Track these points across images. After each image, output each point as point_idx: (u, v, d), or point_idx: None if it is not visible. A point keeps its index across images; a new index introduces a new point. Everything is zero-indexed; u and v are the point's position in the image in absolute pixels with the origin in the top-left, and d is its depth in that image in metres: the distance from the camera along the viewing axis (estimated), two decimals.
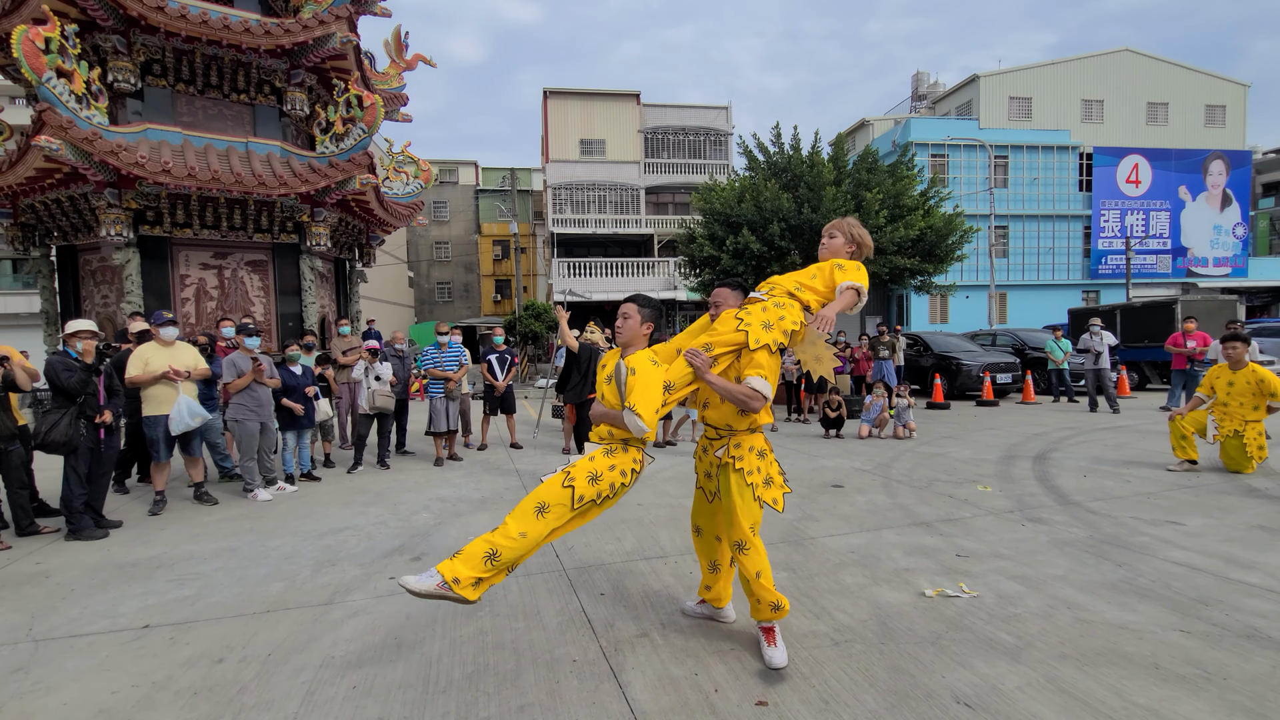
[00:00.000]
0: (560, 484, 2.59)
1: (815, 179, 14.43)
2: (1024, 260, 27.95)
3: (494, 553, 2.45)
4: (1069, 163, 27.90)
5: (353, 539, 4.64)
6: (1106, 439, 8.00)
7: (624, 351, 2.86)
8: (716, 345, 2.72)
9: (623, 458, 2.70)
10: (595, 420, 2.81)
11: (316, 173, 9.62)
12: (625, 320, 2.89)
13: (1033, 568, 3.64)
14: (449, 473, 7.07)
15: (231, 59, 10.00)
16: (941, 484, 5.81)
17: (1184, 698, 2.31)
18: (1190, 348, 10.08)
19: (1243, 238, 29.03)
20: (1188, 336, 10.16)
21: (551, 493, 2.57)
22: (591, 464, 2.65)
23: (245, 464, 5.98)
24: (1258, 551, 3.79)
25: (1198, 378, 10.12)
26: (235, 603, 3.50)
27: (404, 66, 12.50)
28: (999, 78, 28.96)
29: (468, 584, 2.42)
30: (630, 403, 2.60)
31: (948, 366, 13.30)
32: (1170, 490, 5.34)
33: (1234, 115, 30.78)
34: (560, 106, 27.52)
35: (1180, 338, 10.26)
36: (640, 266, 26.21)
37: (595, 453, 2.70)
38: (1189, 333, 10.18)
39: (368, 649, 2.91)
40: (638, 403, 2.59)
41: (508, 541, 2.49)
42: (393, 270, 32.38)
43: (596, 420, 2.80)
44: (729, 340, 2.70)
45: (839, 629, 2.95)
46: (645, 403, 2.59)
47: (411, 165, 12.85)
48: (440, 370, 7.81)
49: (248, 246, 10.24)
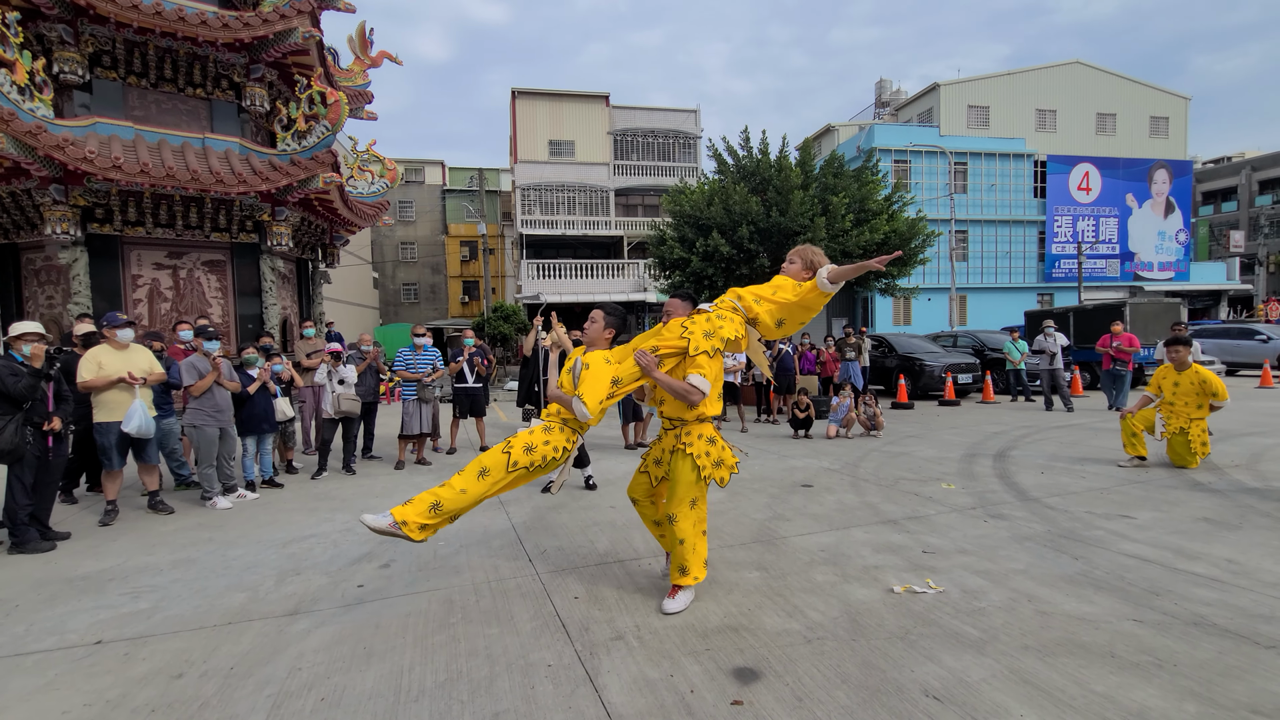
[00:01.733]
0: (499, 451, 3.08)
1: (783, 183, 14.63)
2: (983, 264, 28.82)
3: (438, 503, 2.94)
4: (1024, 170, 28.89)
5: (318, 547, 4.53)
6: (1062, 437, 8.29)
7: (586, 349, 3.36)
8: (663, 348, 3.24)
9: (558, 436, 3.18)
10: (549, 400, 3.29)
11: (278, 170, 9.37)
12: (592, 324, 3.42)
13: (995, 562, 3.76)
14: (417, 477, 6.95)
15: (187, 52, 9.68)
16: (907, 482, 5.95)
17: (1138, 684, 2.41)
18: (1116, 348, 10.43)
19: (1185, 243, 30.47)
20: (1114, 338, 10.50)
21: (492, 459, 3.06)
22: (530, 437, 3.13)
23: (204, 471, 5.78)
24: (1203, 543, 3.97)
25: (1124, 378, 10.52)
26: (194, 615, 3.38)
27: (369, 63, 12.26)
28: (958, 86, 29.81)
29: (415, 527, 2.92)
30: (579, 391, 3.09)
31: (911, 367, 13.62)
32: (1122, 485, 5.57)
33: (1176, 127, 32.28)
34: (529, 107, 27.34)
35: (1108, 339, 10.62)
36: (610, 269, 26.20)
37: (536, 428, 3.18)
38: (1116, 334, 10.53)
39: (336, 660, 2.84)
40: (585, 392, 3.07)
41: (451, 494, 2.98)
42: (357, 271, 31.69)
43: (550, 400, 3.28)
44: (674, 345, 3.23)
45: (811, 627, 3.00)
46: (592, 393, 3.07)
47: (377, 164, 12.61)
48: (413, 372, 7.67)
49: (205, 246, 9.92)
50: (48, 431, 4.71)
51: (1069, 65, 31.06)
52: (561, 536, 4.60)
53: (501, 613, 3.28)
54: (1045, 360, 11.31)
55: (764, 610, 3.20)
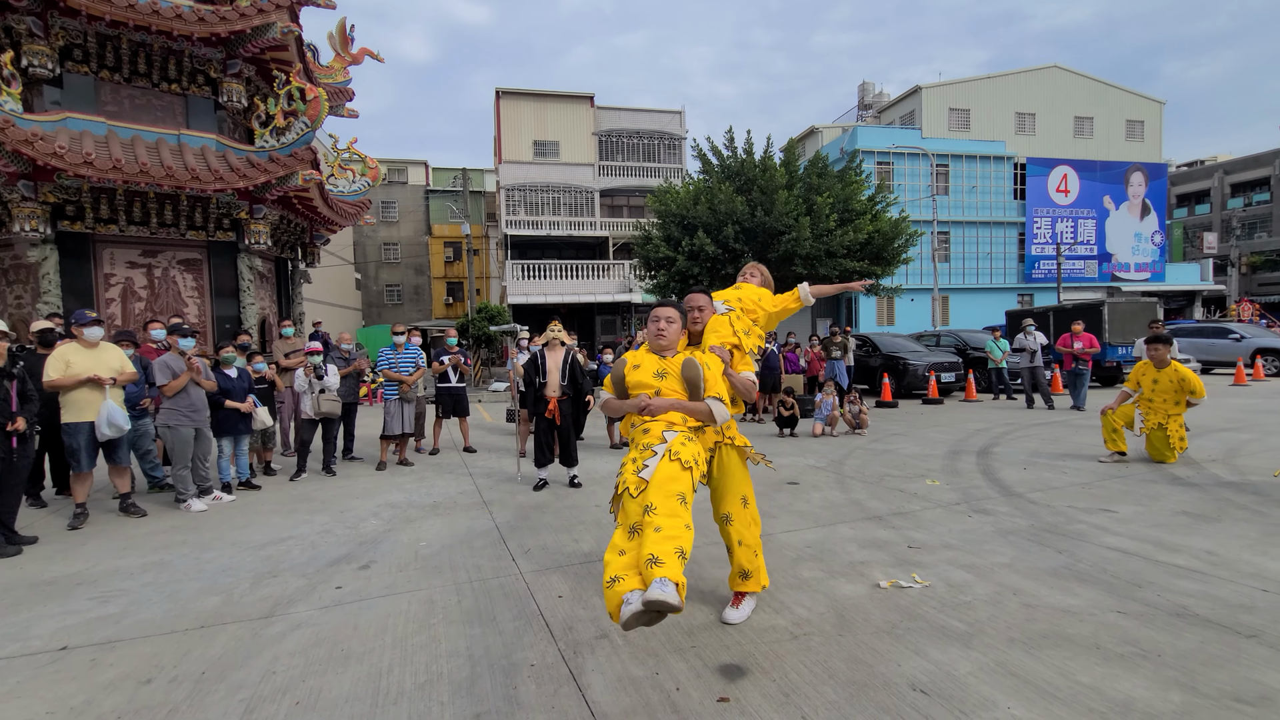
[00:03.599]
0: (680, 469, 2.62)
1: (768, 183, 14.66)
2: (964, 264, 29.15)
3: (681, 549, 2.38)
4: (1004, 172, 29.28)
5: (296, 549, 4.43)
6: (1043, 433, 8.38)
7: (664, 353, 3.04)
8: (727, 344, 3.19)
9: (700, 442, 2.91)
10: (658, 410, 2.87)
11: (255, 167, 9.20)
12: (670, 324, 3.05)
13: (980, 557, 3.76)
14: (399, 478, 6.84)
15: (161, 46, 9.49)
16: (892, 479, 5.96)
17: (1123, 675, 2.41)
18: (1077, 348, 10.49)
19: (1160, 245, 31.05)
20: (1075, 338, 10.56)
21: (682, 481, 2.59)
22: (685, 449, 2.70)
23: (178, 473, 5.63)
24: (1183, 535, 4.01)
25: (1084, 376, 10.58)
26: (166, 619, 3.28)
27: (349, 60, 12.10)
28: (939, 90, 30.13)
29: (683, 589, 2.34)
30: (715, 393, 2.91)
31: (895, 366, 13.71)
32: (1103, 480, 5.62)
33: (1151, 130, 32.88)
34: (513, 107, 27.20)
35: (1068, 338, 10.67)
36: (595, 269, 26.11)
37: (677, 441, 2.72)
38: (1076, 333, 10.59)
39: (312, 663, 2.76)
40: (720, 393, 2.92)
41: (683, 532, 2.43)
42: (339, 271, 31.31)
43: (661, 409, 2.87)
44: (729, 343, 3.20)
45: (798, 622, 2.97)
46: (725, 393, 2.95)
47: (358, 162, 12.44)
48: (395, 372, 7.55)
49: (180, 244, 9.72)
50: (11, 432, 4.56)
51: (1047, 69, 31.54)
52: (546, 535, 4.54)
53: (484, 612, 3.22)
54: (1026, 359, 11.42)
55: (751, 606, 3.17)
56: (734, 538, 3.07)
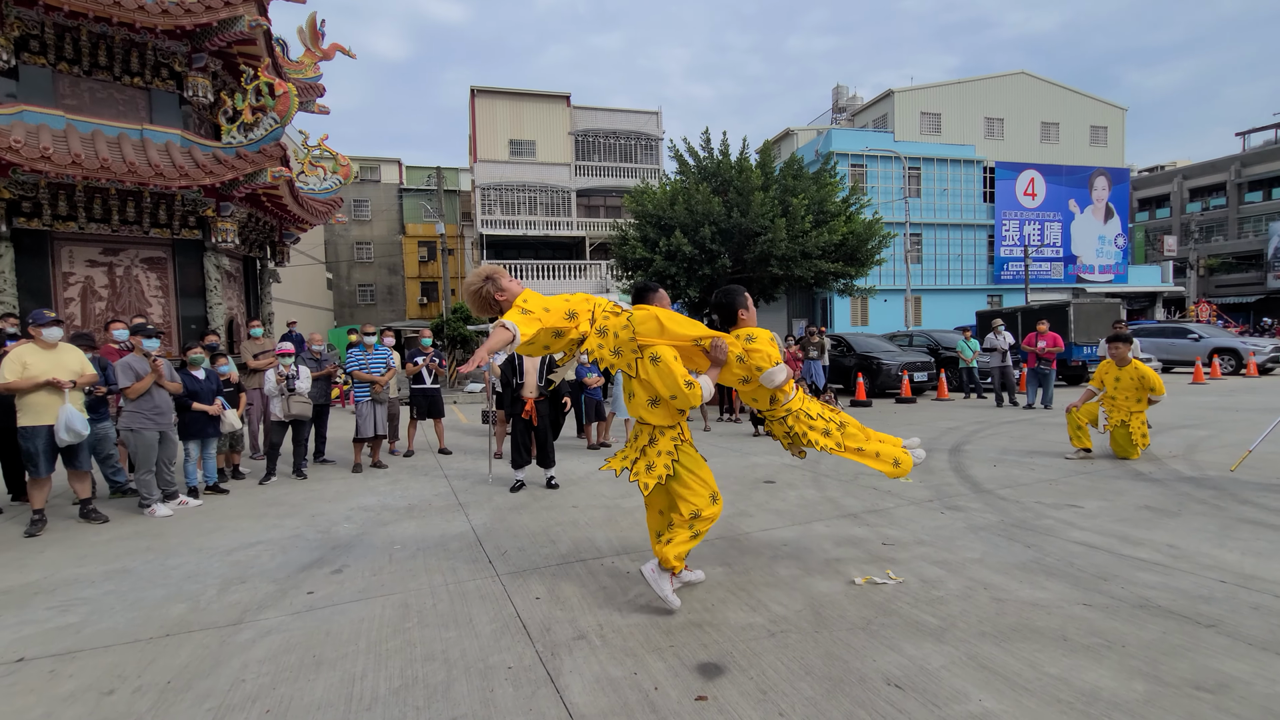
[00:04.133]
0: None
1: (744, 184, 14.76)
2: (936, 266, 29.69)
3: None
4: (974, 176, 29.89)
5: (265, 554, 4.33)
6: (1012, 431, 8.57)
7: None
8: None
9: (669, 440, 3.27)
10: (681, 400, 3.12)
11: (222, 164, 8.98)
12: None
13: (952, 552, 3.83)
14: (373, 480, 6.73)
15: (123, 38, 9.21)
16: (866, 477, 6.04)
17: (1089, 666, 2.47)
18: (1041, 348, 10.67)
19: (1123, 247, 31.99)
20: (1039, 337, 10.75)
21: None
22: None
23: (142, 477, 5.47)
24: (1146, 529, 4.13)
25: (1049, 376, 10.74)
26: (129, 628, 3.18)
27: (320, 56, 11.88)
28: (912, 94, 30.65)
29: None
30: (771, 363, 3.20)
31: (869, 366, 13.90)
32: (1069, 476, 5.77)
33: (1114, 136, 33.87)
34: (488, 106, 26.98)
35: (1033, 338, 10.85)
36: (572, 269, 26.03)
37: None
38: (1041, 333, 10.78)
39: (283, 670, 2.70)
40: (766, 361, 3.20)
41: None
42: (310, 271, 30.69)
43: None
44: None
45: (775, 620, 2.99)
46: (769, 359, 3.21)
47: (329, 160, 12.22)
48: (367, 373, 7.43)
49: (143, 242, 9.44)
50: None
51: (1015, 76, 32.29)
52: (523, 537, 4.51)
53: (460, 615, 3.18)
54: (996, 358, 11.65)
55: (728, 605, 3.18)
56: None
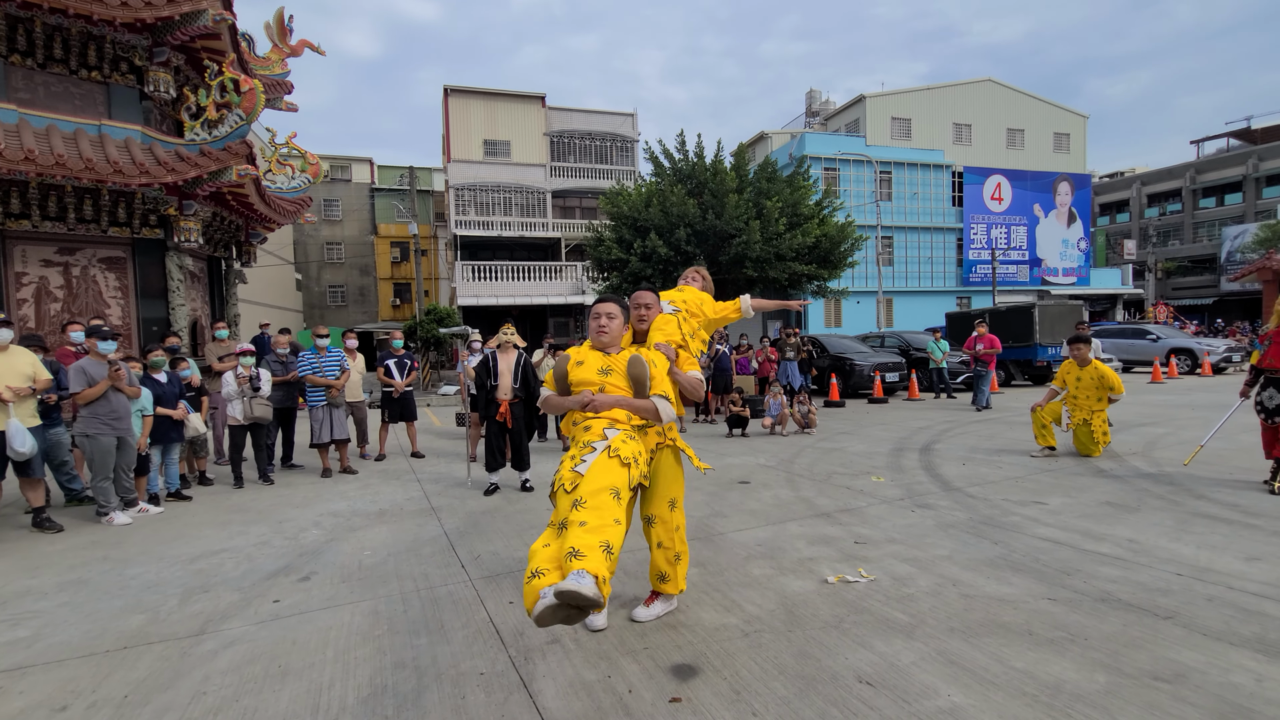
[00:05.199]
0: (619, 465, 2.54)
1: (719, 186, 14.86)
2: (907, 268, 30.22)
3: (607, 544, 2.24)
4: (943, 180, 30.51)
5: (230, 562, 4.21)
6: (980, 430, 8.75)
7: (608, 349, 2.96)
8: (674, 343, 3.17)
9: (642, 441, 2.85)
10: (602, 407, 2.79)
11: (185, 161, 8.74)
12: (611, 320, 2.97)
13: (922, 550, 3.89)
14: (342, 485, 6.60)
15: (80, 31, 8.91)
16: (839, 476, 6.11)
17: (1053, 658, 2.53)
18: (979, 350, 10.82)
19: (1085, 251, 32.94)
20: (978, 340, 10.92)
21: (618, 477, 2.51)
22: (626, 446, 2.64)
23: (99, 484, 5.28)
24: (1108, 525, 4.25)
25: (986, 377, 10.83)
26: (84, 641, 3.06)
27: (288, 52, 11.63)
28: (883, 99, 31.17)
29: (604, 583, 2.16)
30: (661, 391, 2.84)
31: (842, 367, 14.07)
32: (1034, 474, 5.91)
33: (1076, 143, 34.86)
34: (462, 105, 26.70)
35: (973, 340, 10.99)
36: (547, 271, 25.89)
37: (619, 438, 2.66)
38: (980, 335, 10.96)
39: (247, 680, 2.63)
40: (666, 392, 2.86)
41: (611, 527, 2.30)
42: (278, 271, 30.03)
43: (604, 406, 2.79)
44: (675, 342, 3.18)
45: (749, 620, 3.01)
46: (670, 391, 2.90)
47: (298, 158, 11.97)
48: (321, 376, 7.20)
49: (102, 242, 9.14)
50: None
51: (982, 83, 33.04)
52: (496, 541, 4.46)
53: (431, 622, 3.13)
54: None
55: (702, 606, 3.19)
56: (654, 539, 3.02)
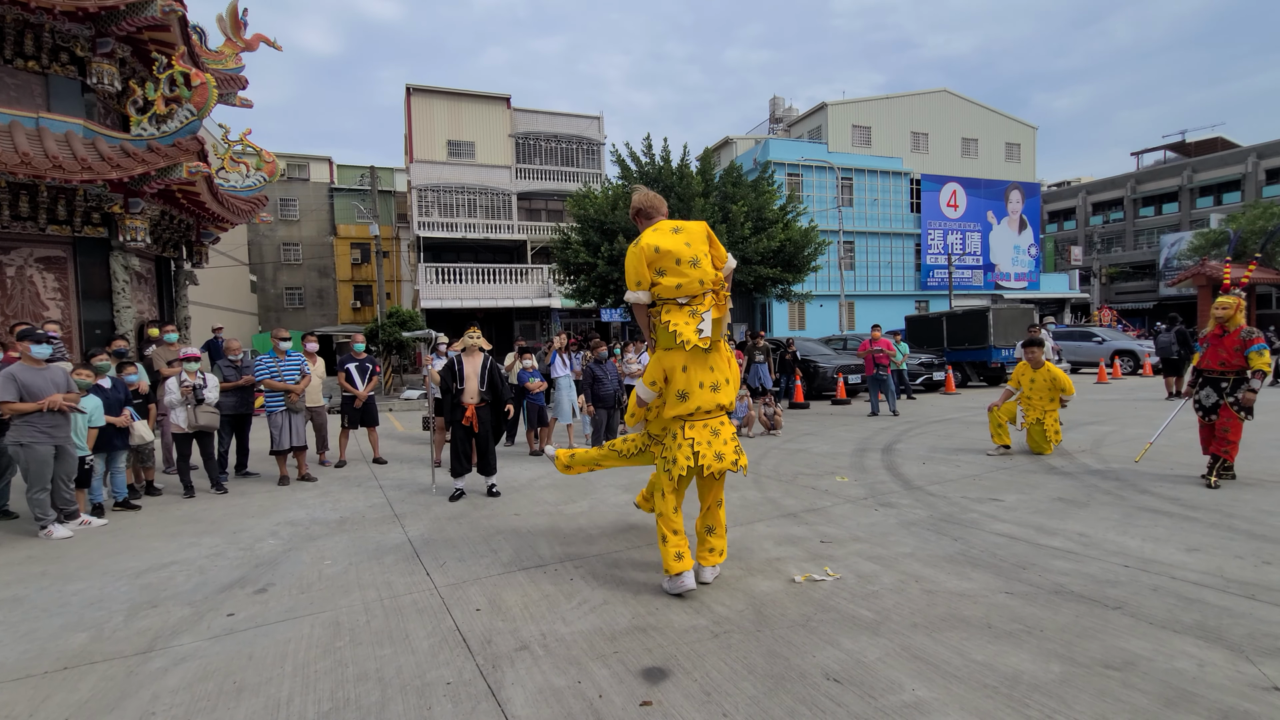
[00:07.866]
0: None
1: (685, 190, 14.95)
2: (868, 272, 30.91)
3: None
4: (902, 187, 31.32)
5: (180, 575, 4.04)
6: (939, 430, 8.99)
7: None
8: None
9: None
10: None
11: (131, 157, 8.38)
12: None
13: (886, 548, 3.97)
14: (300, 493, 6.40)
15: (15, 18, 8.47)
16: (805, 477, 6.20)
17: (1011, 650, 2.60)
18: (875, 351, 10.77)
19: (1035, 256, 34.21)
20: (874, 342, 11.06)
21: None
22: None
23: (35, 496, 4.99)
24: (1060, 520, 4.41)
25: (887, 381, 10.87)
26: (19, 663, 2.89)
27: (242, 46, 11.28)
28: (844, 107, 31.86)
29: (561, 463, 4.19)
30: None
31: (807, 369, 14.29)
32: (991, 472, 6.10)
33: (1026, 153, 36.22)
34: (425, 105, 26.28)
35: (868, 344, 11.04)
36: (513, 273, 25.64)
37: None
38: (875, 339, 11.05)
39: (199, 699, 2.52)
40: None
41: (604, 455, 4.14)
42: (231, 273, 29.01)
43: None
44: None
45: (718, 621, 3.02)
46: None
47: (253, 156, 11.60)
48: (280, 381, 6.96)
49: (39, 240, 8.69)
50: None
51: (938, 93, 34.07)
52: (462, 548, 4.38)
53: (395, 632, 3.06)
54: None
55: (671, 608, 3.19)
56: None
